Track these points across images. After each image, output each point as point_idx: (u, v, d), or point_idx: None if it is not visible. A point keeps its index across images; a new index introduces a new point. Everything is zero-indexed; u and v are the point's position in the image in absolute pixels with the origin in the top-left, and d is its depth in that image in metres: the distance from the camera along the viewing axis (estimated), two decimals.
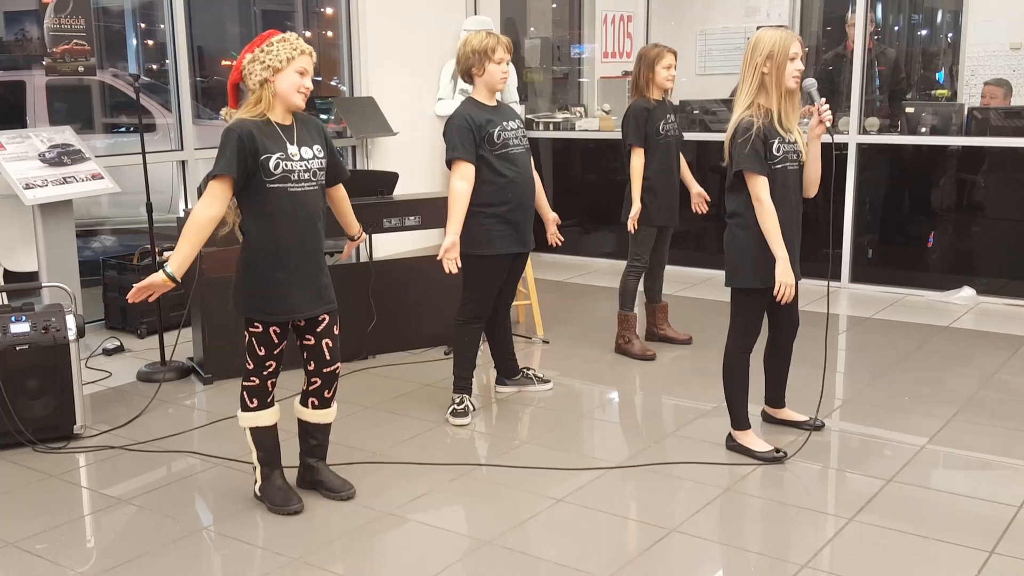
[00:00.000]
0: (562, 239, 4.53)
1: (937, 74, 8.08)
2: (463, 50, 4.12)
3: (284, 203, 3.17)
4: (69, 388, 4.02)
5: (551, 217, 4.52)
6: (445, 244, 4.00)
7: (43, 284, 4.85)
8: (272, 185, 3.15)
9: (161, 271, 3.09)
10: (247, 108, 3.18)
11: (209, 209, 3.12)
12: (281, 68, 3.13)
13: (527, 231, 4.24)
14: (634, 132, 4.94)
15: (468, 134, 4.04)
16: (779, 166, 3.60)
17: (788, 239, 3.63)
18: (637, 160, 4.95)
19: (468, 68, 4.12)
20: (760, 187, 3.56)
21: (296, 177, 3.19)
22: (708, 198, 5.31)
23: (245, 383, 3.33)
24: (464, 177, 4.04)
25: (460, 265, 4.05)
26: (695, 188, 5.27)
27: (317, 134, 3.31)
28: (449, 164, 4.09)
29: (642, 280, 5.21)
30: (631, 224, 4.97)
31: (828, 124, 3.63)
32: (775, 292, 3.59)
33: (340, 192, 3.56)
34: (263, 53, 3.14)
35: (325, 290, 3.34)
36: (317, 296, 3.31)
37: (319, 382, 3.40)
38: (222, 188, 3.13)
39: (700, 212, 5.28)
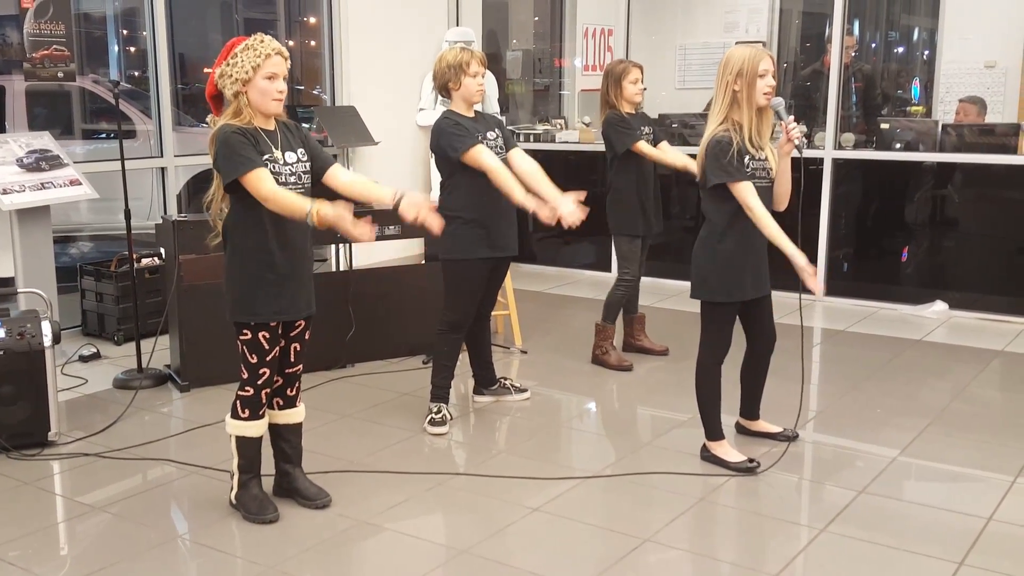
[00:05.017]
0: (576, 219, 3.86)
1: (912, 89, 8.17)
2: (439, 66, 4.18)
3: None
4: (44, 394, 4.00)
5: (557, 204, 3.89)
6: (530, 206, 3.89)
7: (19, 290, 4.82)
8: None
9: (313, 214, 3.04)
10: (229, 117, 3.18)
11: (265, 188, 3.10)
12: (249, 78, 3.12)
13: (504, 236, 4.25)
14: (624, 136, 4.94)
15: (460, 128, 4.09)
16: None
17: (756, 253, 3.68)
18: (643, 149, 4.94)
19: (445, 83, 4.18)
20: (747, 193, 3.57)
21: (283, 180, 3.20)
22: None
23: (240, 392, 3.33)
24: (484, 154, 4.03)
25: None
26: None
27: (298, 138, 3.32)
28: (460, 164, 4.06)
29: None
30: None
31: (796, 142, 3.65)
32: (804, 274, 3.52)
33: (341, 176, 3.37)
34: (229, 67, 3.13)
35: (310, 294, 3.38)
36: (304, 299, 3.34)
37: (280, 381, 3.42)
38: (261, 175, 3.09)
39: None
